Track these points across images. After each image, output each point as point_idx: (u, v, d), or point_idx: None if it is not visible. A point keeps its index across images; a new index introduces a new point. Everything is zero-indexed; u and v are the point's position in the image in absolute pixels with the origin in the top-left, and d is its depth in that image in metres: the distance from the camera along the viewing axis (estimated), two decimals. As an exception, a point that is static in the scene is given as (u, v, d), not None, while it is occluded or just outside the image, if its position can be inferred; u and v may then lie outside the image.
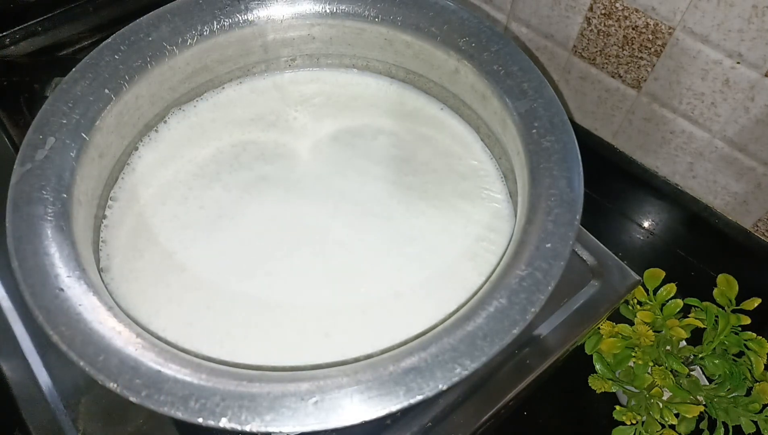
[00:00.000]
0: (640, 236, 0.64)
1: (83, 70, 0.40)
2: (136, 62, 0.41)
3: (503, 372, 0.41)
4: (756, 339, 0.50)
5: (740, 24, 0.47)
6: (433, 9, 0.44)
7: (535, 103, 0.39)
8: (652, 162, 0.63)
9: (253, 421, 0.28)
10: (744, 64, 0.49)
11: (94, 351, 0.30)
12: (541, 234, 0.34)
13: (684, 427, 0.47)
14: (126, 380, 0.29)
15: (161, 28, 0.42)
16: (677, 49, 0.52)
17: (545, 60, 0.64)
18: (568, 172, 0.36)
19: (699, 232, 0.63)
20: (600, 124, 0.64)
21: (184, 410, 0.28)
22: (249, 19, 0.44)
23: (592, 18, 0.56)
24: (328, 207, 0.43)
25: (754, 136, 0.52)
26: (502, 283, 0.32)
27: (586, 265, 0.45)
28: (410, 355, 0.30)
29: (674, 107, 0.56)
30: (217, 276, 0.39)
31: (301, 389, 0.29)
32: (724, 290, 0.52)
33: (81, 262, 0.33)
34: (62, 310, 0.31)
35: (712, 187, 0.59)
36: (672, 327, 0.49)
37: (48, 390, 0.39)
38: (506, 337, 0.30)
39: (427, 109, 0.49)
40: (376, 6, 0.44)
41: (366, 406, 0.29)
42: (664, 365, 0.48)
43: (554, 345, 0.42)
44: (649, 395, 0.47)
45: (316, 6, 0.45)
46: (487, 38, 0.42)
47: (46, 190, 0.35)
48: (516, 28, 0.64)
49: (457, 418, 0.39)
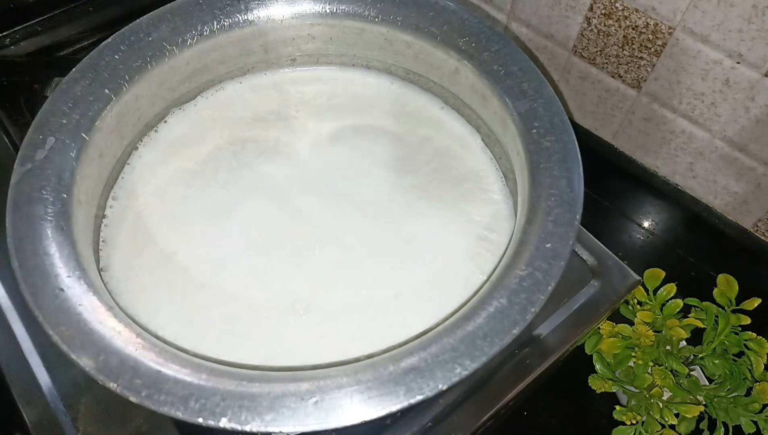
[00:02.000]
0: (640, 236, 0.64)
1: (83, 70, 0.40)
2: (136, 62, 0.41)
3: (503, 372, 0.41)
4: (756, 339, 0.50)
5: (740, 24, 0.47)
6: (433, 9, 0.44)
7: (535, 103, 0.39)
8: (652, 162, 0.63)
9: (253, 421, 0.28)
10: (744, 64, 0.49)
11: (94, 351, 0.30)
12: (541, 234, 0.34)
13: (684, 427, 0.47)
14: (126, 380, 0.29)
15: (161, 28, 0.42)
16: (677, 49, 0.52)
17: (545, 60, 0.64)
18: (568, 172, 0.36)
19: (699, 232, 0.63)
20: (600, 124, 0.64)
21: (184, 410, 0.28)
22: (249, 19, 0.44)
23: (592, 18, 0.56)
24: (329, 207, 0.43)
25: (754, 136, 0.52)
26: (502, 283, 0.32)
27: (586, 265, 0.45)
28: (410, 355, 0.30)
29: (674, 107, 0.56)
30: (217, 275, 0.39)
31: (301, 389, 0.29)
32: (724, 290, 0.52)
33: (81, 262, 0.33)
34: (62, 310, 0.31)
35: (712, 187, 0.59)
36: (672, 327, 0.49)
37: (48, 390, 0.39)
38: (506, 337, 0.30)
39: (427, 109, 0.49)
40: (376, 6, 0.44)
41: (366, 406, 0.29)
42: (664, 365, 0.48)
43: (554, 345, 0.42)
44: (649, 395, 0.47)
45: (316, 6, 0.45)
46: (487, 38, 0.42)
47: (46, 190, 0.35)
48: (516, 28, 0.64)
49: (457, 418, 0.39)
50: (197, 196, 0.43)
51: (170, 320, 0.37)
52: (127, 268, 0.39)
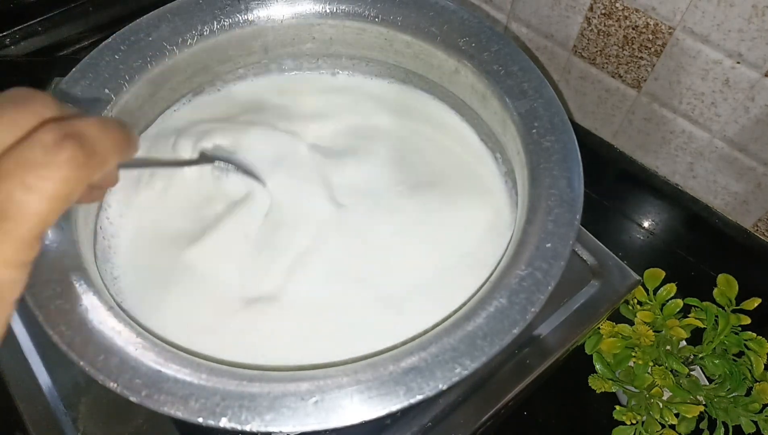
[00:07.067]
0: (640, 236, 0.64)
1: (83, 70, 0.40)
2: (136, 62, 0.41)
3: (503, 372, 0.41)
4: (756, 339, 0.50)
5: (740, 24, 0.47)
6: (433, 9, 0.44)
7: (535, 103, 0.39)
8: (652, 162, 0.63)
9: (253, 421, 0.28)
10: (744, 64, 0.49)
11: (94, 351, 0.30)
12: (541, 234, 0.34)
13: (684, 427, 0.47)
14: (126, 380, 0.29)
15: (161, 28, 0.42)
16: (677, 49, 0.52)
17: (545, 60, 0.64)
18: (568, 172, 0.36)
19: (699, 232, 0.63)
20: (600, 124, 0.64)
21: (184, 410, 0.28)
22: (249, 19, 0.44)
23: (592, 18, 0.56)
24: (328, 207, 0.43)
25: (754, 136, 0.52)
26: (502, 283, 0.32)
27: (586, 265, 0.45)
28: (410, 355, 0.30)
29: (674, 107, 0.56)
30: (217, 274, 0.39)
31: (301, 389, 0.29)
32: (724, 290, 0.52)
33: (81, 261, 0.33)
34: (62, 310, 0.31)
35: (712, 187, 0.59)
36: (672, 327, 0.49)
37: (48, 390, 0.39)
38: (506, 337, 0.30)
39: (427, 109, 0.49)
40: (376, 6, 0.44)
41: (366, 406, 0.29)
42: (664, 365, 0.48)
43: (554, 345, 0.42)
44: (649, 395, 0.48)
45: (316, 6, 0.45)
46: (487, 38, 0.42)
47: (46, 190, 0.35)
48: (516, 28, 0.64)
49: (457, 418, 0.39)
50: (198, 195, 0.43)
51: (170, 320, 0.37)
52: (128, 267, 0.39)
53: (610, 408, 0.49)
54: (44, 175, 0.20)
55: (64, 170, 0.21)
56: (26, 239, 0.21)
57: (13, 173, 0.20)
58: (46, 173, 0.20)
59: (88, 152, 0.22)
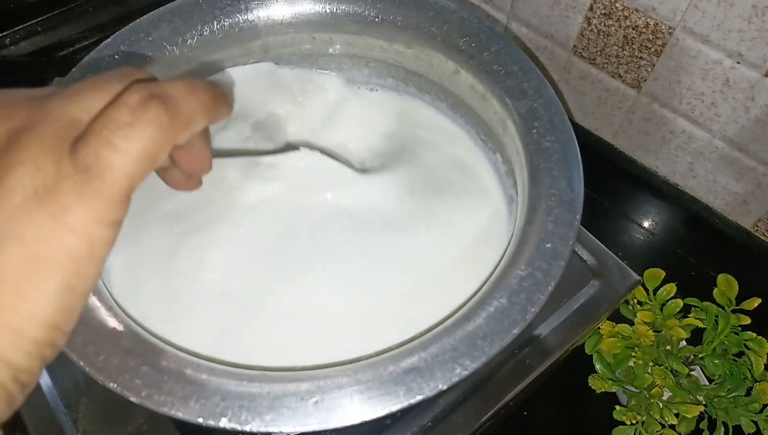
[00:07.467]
0: (640, 236, 0.64)
1: (83, 70, 0.40)
2: (136, 62, 0.41)
3: (503, 372, 0.41)
4: (756, 339, 0.50)
5: (740, 24, 0.47)
6: (433, 9, 0.44)
7: (535, 103, 0.39)
8: (652, 162, 0.63)
9: (253, 421, 0.28)
10: (744, 64, 0.49)
11: (94, 351, 0.30)
12: (541, 234, 0.34)
13: (684, 427, 0.47)
14: (126, 380, 0.29)
15: (161, 28, 0.42)
16: (677, 49, 0.52)
17: (545, 60, 0.64)
18: (568, 172, 0.36)
19: (699, 232, 0.63)
20: (600, 124, 0.64)
21: (184, 410, 0.28)
22: (249, 19, 0.44)
23: (592, 18, 0.56)
24: (327, 207, 0.43)
25: (754, 136, 0.52)
26: (502, 283, 0.32)
27: (586, 265, 0.45)
28: (410, 355, 0.30)
29: (674, 107, 0.56)
30: (216, 274, 0.39)
31: (301, 389, 0.29)
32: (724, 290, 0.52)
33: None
34: (62, 310, 0.31)
35: (712, 187, 0.59)
36: (672, 327, 0.49)
37: (48, 390, 0.39)
38: (506, 337, 0.30)
39: (427, 110, 0.49)
40: (376, 6, 0.44)
41: (366, 406, 0.29)
42: (664, 365, 0.48)
43: (554, 345, 0.42)
44: (649, 395, 0.48)
45: (316, 6, 0.45)
46: (487, 38, 0.42)
47: (46, 190, 0.35)
48: (516, 28, 0.64)
49: (457, 418, 0.39)
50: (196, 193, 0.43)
51: (170, 320, 0.37)
52: (127, 267, 0.39)
53: (610, 408, 0.49)
54: (129, 135, 0.20)
55: (148, 130, 0.21)
56: (116, 198, 0.21)
57: (101, 134, 0.20)
58: (132, 133, 0.20)
59: (173, 112, 0.22)
